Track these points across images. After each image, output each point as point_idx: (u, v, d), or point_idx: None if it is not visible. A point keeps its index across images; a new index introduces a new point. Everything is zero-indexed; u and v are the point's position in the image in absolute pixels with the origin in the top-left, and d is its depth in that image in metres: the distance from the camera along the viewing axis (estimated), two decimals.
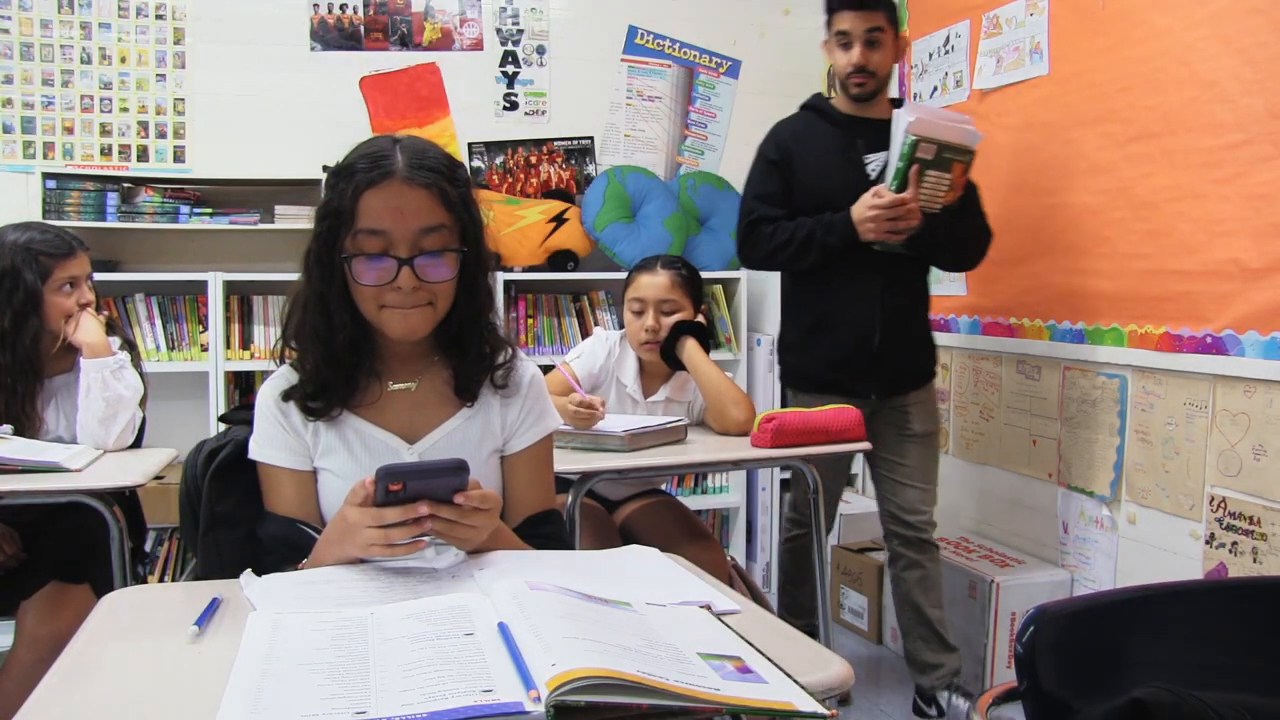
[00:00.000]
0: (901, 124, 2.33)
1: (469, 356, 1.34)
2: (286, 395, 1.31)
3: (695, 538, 2.31)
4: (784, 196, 2.53)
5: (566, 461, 2.01)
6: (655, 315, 2.37)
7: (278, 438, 1.31)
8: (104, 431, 2.16)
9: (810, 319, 2.59)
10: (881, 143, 2.43)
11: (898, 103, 2.55)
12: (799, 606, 2.83)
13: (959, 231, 2.48)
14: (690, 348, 2.37)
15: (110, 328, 2.28)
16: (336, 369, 1.29)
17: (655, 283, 2.40)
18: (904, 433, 2.60)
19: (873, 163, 2.49)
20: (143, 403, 2.28)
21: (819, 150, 2.53)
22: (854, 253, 2.43)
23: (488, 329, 1.36)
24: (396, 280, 1.22)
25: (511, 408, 1.40)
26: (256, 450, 1.32)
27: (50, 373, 2.21)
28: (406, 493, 1.08)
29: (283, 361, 1.34)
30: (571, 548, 1.49)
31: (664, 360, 2.39)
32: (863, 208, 2.37)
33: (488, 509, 1.13)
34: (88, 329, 2.17)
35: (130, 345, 2.31)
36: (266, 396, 1.33)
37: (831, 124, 2.55)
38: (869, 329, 2.49)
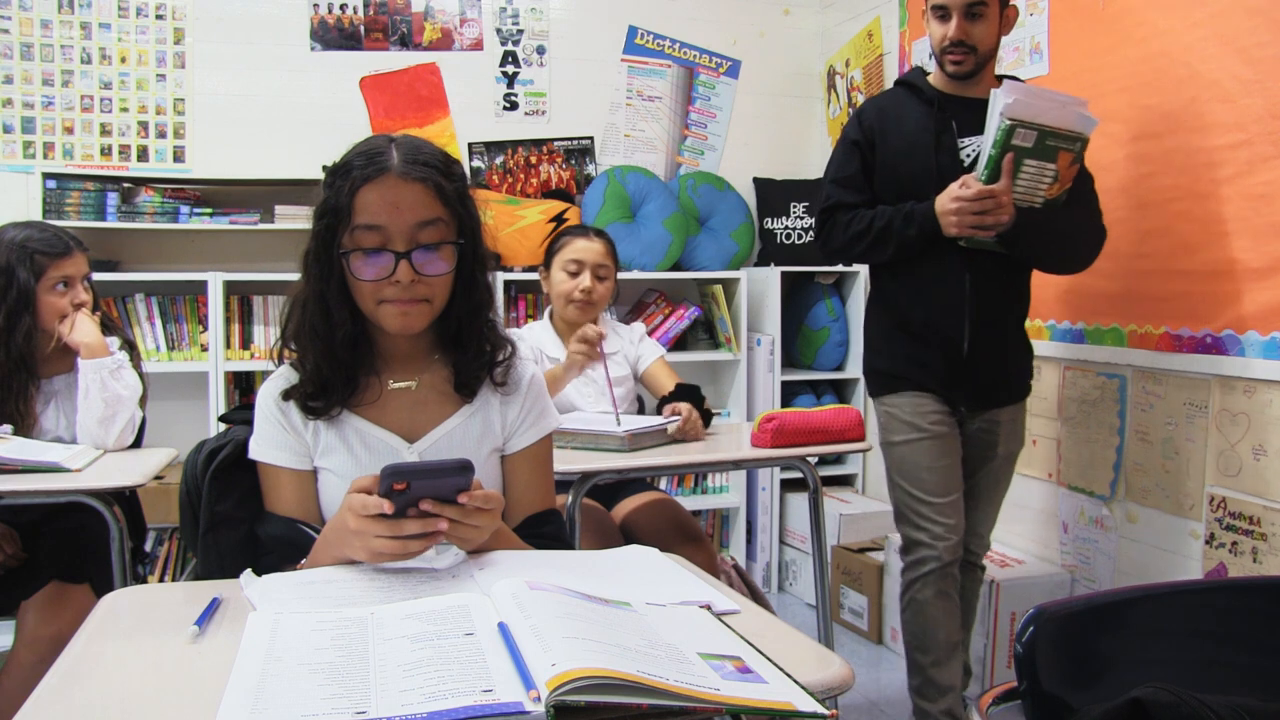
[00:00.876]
0: (997, 105, 2.06)
1: (468, 353, 1.35)
2: (287, 394, 1.31)
3: (688, 539, 2.32)
4: (865, 181, 2.28)
5: (566, 461, 2.02)
6: (591, 277, 2.48)
7: (277, 437, 1.32)
8: (103, 432, 2.16)
9: (892, 319, 2.33)
10: (981, 125, 2.15)
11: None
12: (933, 687, 2.28)
13: (1062, 228, 2.19)
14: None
15: (108, 327, 2.28)
16: (336, 367, 1.29)
17: (592, 248, 2.51)
18: (986, 452, 2.33)
19: (968, 147, 2.21)
20: (143, 402, 2.28)
21: (907, 131, 2.24)
22: (941, 248, 2.18)
23: (488, 326, 1.36)
24: (394, 274, 1.23)
25: (511, 407, 1.40)
26: (256, 450, 1.32)
27: (49, 373, 2.21)
28: (410, 492, 1.08)
29: (281, 362, 1.34)
30: (572, 547, 1.49)
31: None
32: (947, 198, 2.11)
33: (490, 509, 1.13)
34: (84, 330, 2.17)
35: (130, 345, 2.31)
36: (266, 396, 1.34)
37: (924, 102, 2.25)
38: (956, 334, 2.22)
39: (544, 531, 1.38)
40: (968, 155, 2.21)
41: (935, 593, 2.25)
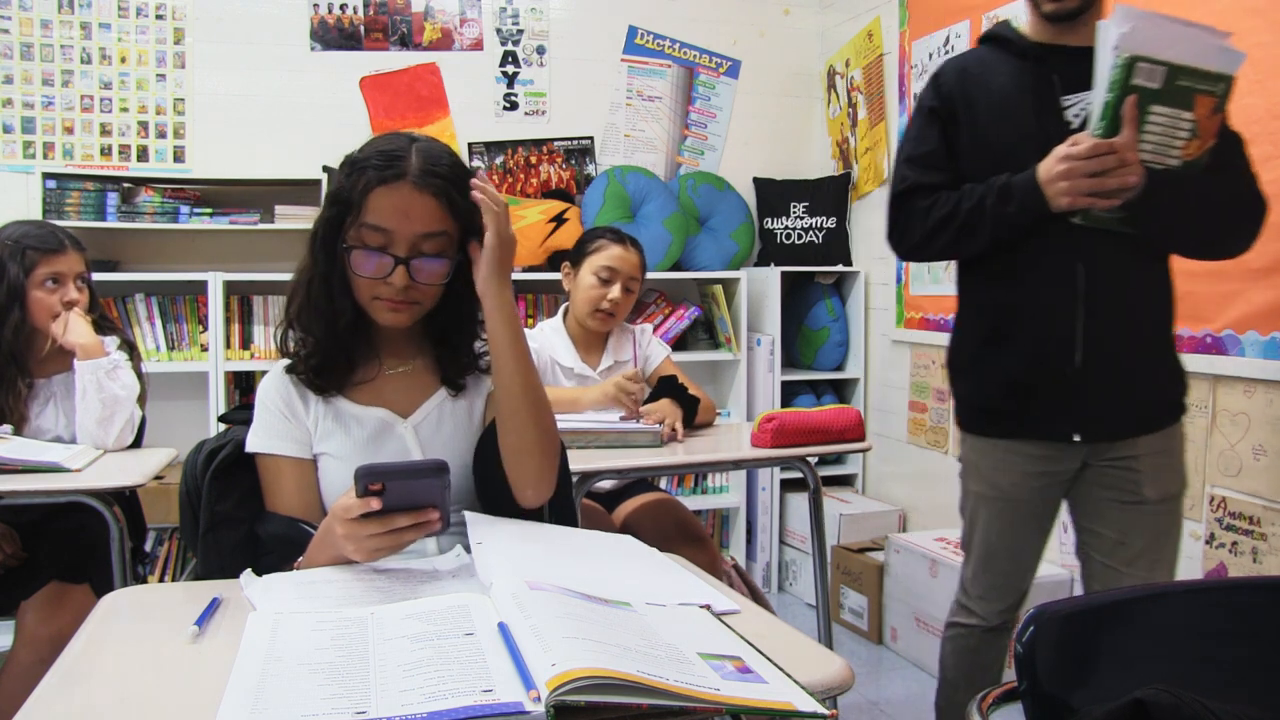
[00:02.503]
0: (1109, 38, 1.57)
1: (455, 351, 1.40)
2: (291, 368, 1.35)
3: (690, 540, 2.32)
4: (946, 157, 1.83)
5: (569, 461, 2.01)
6: (621, 289, 2.42)
7: (278, 426, 1.33)
8: (103, 432, 2.16)
9: (985, 327, 1.86)
10: (1090, 80, 1.64)
11: None
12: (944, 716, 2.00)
13: (1209, 197, 1.68)
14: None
15: (106, 327, 2.27)
16: (339, 345, 1.33)
17: (628, 258, 2.45)
18: (1128, 498, 1.80)
19: (1075, 106, 1.73)
20: (142, 402, 2.28)
21: (997, 91, 1.79)
22: (1046, 230, 1.71)
23: (477, 329, 1.41)
24: (390, 276, 1.27)
25: None
26: (256, 442, 1.33)
27: (48, 372, 2.21)
28: (386, 493, 1.08)
29: (286, 350, 1.37)
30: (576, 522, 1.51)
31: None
32: (1053, 160, 1.64)
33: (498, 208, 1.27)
34: (78, 330, 2.16)
35: (130, 346, 2.30)
36: (267, 386, 1.36)
37: (1017, 56, 1.79)
38: (1066, 339, 1.74)
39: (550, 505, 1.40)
40: (1076, 115, 1.72)
41: (953, 650, 1.97)
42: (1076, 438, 1.77)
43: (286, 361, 1.37)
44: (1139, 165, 1.60)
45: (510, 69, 3.74)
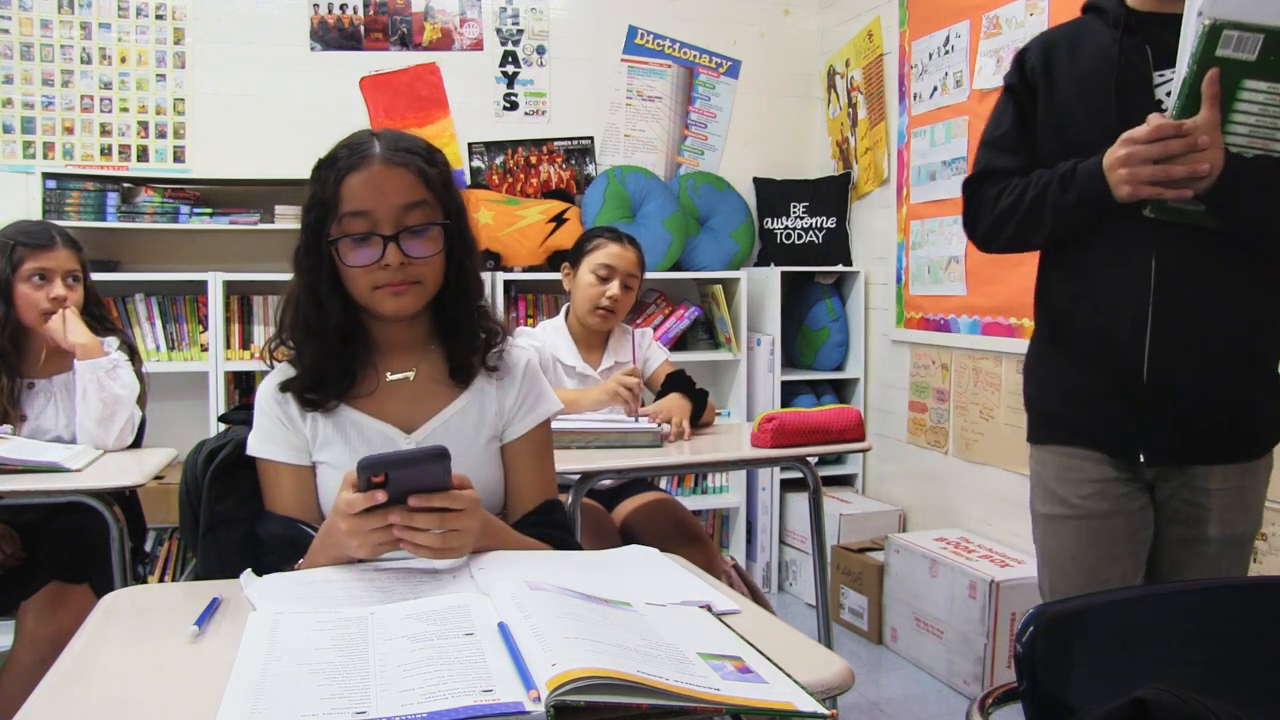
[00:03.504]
0: (1193, 2, 1.38)
1: (461, 338, 1.37)
2: (284, 387, 1.32)
3: (688, 540, 2.33)
4: (1022, 139, 1.66)
5: (568, 461, 2.01)
6: (620, 286, 2.45)
7: (276, 433, 1.32)
8: (103, 432, 2.16)
9: (1050, 328, 1.68)
10: None
11: None
12: None
13: None
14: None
15: (104, 328, 2.27)
16: (332, 359, 1.31)
17: (625, 255, 2.48)
18: (1191, 534, 1.58)
19: (1170, 82, 1.49)
20: (143, 403, 2.28)
21: (1083, 65, 1.58)
22: (1119, 223, 1.51)
23: (479, 312, 1.38)
24: (384, 258, 1.25)
25: (508, 393, 1.40)
26: (255, 446, 1.33)
27: (49, 372, 2.22)
28: (389, 484, 1.07)
29: (273, 362, 1.36)
30: (577, 540, 1.50)
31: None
32: (1118, 144, 1.45)
33: (461, 508, 1.11)
34: (75, 330, 2.16)
35: (130, 349, 2.30)
36: (265, 392, 1.35)
37: (1112, 26, 1.57)
38: (1132, 346, 1.52)
39: (553, 519, 1.39)
40: (1170, 93, 1.47)
41: None
42: (1142, 458, 1.55)
43: (282, 375, 1.33)
44: (1217, 150, 1.39)
45: (510, 69, 3.74)
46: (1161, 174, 1.40)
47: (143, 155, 3.42)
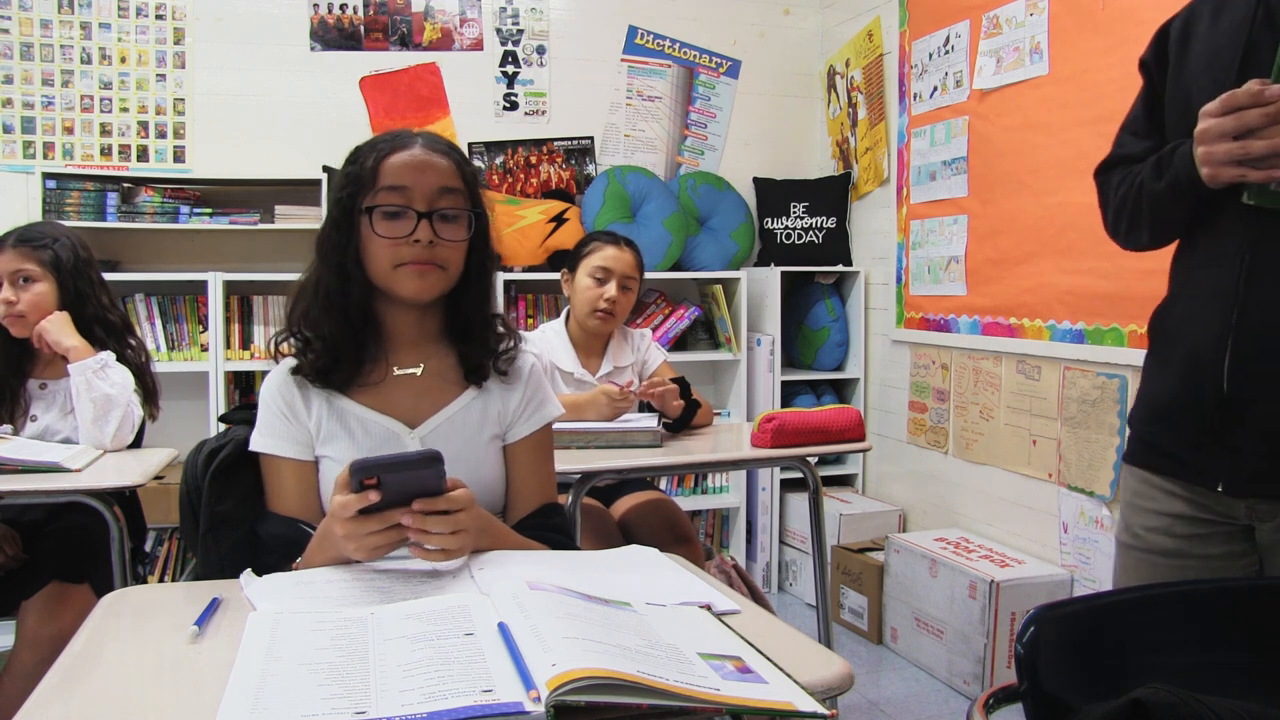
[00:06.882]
0: None
1: (476, 341, 1.38)
2: (297, 369, 1.34)
3: (677, 540, 2.34)
4: (1149, 121, 1.45)
5: (567, 461, 2.02)
6: (618, 287, 2.46)
7: (280, 427, 1.33)
8: (99, 431, 2.16)
9: (1150, 335, 1.48)
10: None
11: None
12: None
13: None
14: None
15: (106, 333, 2.26)
16: (350, 337, 1.32)
17: (622, 257, 2.49)
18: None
19: None
20: (154, 401, 2.29)
21: (1218, 36, 1.34)
22: (1219, 212, 1.32)
23: (495, 316, 1.41)
24: (415, 233, 1.27)
25: (512, 395, 1.41)
26: (258, 441, 1.33)
27: (55, 375, 2.23)
28: (382, 487, 1.07)
29: (277, 357, 1.36)
30: (576, 542, 1.50)
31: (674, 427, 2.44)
32: (1200, 119, 1.25)
33: (460, 509, 1.12)
34: (64, 334, 2.16)
35: (140, 347, 2.31)
36: (270, 384, 1.35)
37: None
38: (1212, 355, 1.31)
39: (553, 524, 1.39)
40: None
41: None
42: (1220, 487, 1.32)
43: (292, 362, 1.35)
44: None
45: (510, 69, 3.74)
46: (1240, 151, 1.20)
47: (143, 155, 3.42)
